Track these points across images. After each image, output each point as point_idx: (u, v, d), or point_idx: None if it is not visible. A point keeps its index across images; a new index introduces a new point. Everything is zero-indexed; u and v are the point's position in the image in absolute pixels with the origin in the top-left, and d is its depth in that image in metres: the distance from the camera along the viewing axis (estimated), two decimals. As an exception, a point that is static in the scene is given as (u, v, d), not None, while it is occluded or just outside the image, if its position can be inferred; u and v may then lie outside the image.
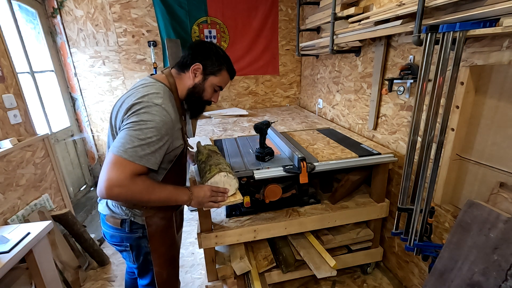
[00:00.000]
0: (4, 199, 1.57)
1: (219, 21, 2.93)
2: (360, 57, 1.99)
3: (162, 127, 0.91)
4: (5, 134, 1.66)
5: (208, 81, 1.09)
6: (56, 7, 2.57)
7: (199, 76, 1.08)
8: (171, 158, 1.06)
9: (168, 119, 0.94)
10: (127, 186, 0.87)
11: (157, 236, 1.11)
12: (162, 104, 0.94)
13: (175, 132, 1.01)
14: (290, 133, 2.07)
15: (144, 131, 0.88)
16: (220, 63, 1.09)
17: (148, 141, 0.89)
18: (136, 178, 0.89)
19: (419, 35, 1.18)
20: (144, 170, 0.91)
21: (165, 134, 0.93)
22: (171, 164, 1.07)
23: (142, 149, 0.88)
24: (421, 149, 1.18)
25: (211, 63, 1.07)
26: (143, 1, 2.71)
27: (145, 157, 0.89)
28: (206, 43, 1.10)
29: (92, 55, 2.79)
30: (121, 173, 0.86)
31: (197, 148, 1.55)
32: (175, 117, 0.98)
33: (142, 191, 0.90)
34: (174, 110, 1.00)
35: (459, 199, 1.31)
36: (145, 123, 0.89)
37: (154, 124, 0.90)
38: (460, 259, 1.02)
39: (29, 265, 1.35)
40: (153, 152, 0.91)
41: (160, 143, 0.92)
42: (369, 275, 1.91)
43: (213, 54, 1.08)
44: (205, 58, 1.07)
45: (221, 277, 1.57)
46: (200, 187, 1.09)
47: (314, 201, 1.70)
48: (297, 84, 3.37)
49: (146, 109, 0.91)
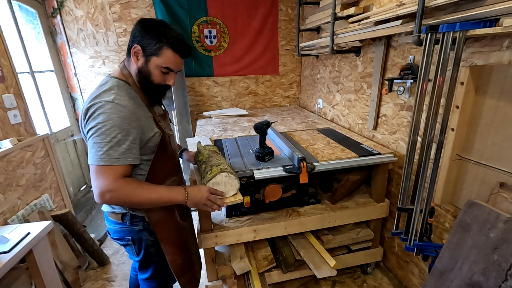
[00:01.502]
0: (4, 199, 1.57)
1: (219, 21, 2.93)
2: (360, 57, 1.99)
3: (122, 123, 0.90)
4: (5, 134, 1.66)
5: (151, 63, 0.98)
6: (56, 7, 2.57)
7: (141, 58, 0.98)
8: (152, 149, 1.04)
9: (126, 113, 0.91)
10: (116, 190, 0.88)
11: (161, 225, 1.12)
12: (115, 100, 0.91)
13: (143, 123, 0.98)
14: (290, 133, 2.07)
15: (107, 133, 0.88)
16: (158, 40, 0.95)
17: (115, 141, 0.88)
18: (122, 180, 0.90)
19: (419, 35, 1.18)
20: (126, 169, 0.92)
21: (129, 128, 0.92)
22: (155, 154, 1.05)
23: (114, 151, 0.88)
24: (421, 149, 1.18)
25: (148, 43, 0.95)
26: (143, 1, 2.71)
27: (121, 157, 0.90)
28: (146, 20, 0.98)
29: (92, 55, 2.79)
30: (106, 179, 0.88)
31: (197, 149, 1.55)
32: (134, 108, 0.95)
33: (131, 193, 0.91)
34: (134, 102, 0.97)
35: (459, 199, 1.31)
36: (104, 125, 0.88)
37: (113, 123, 0.88)
38: (460, 259, 1.02)
39: (29, 265, 1.35)
40: (127, 150, 0.91)
41: (128, 138, 0.91)
42: (369, 275, 1.91)
43: (151, 31, 0.95)
44: (143, 38, 0.96)
45: (221, 277, 1.57)
46: (198, 187, 1.08)
47: (314, 201, 1.70)
48: (297, 84, 3.37)
49: (100, 110, 0.89)
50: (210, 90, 3.16)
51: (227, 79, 3.16)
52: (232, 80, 3.18)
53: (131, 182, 0.92)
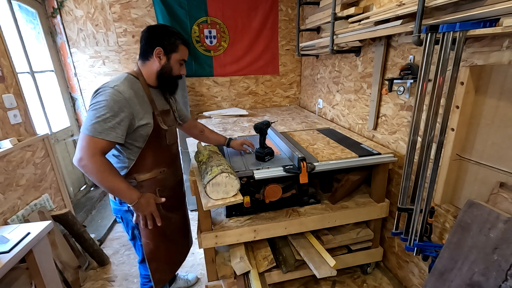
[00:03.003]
0: (4, 199, 1.57)
1: (219, 21, 2.93)
2: (360, 57, 1.99)
3: (114, 105, 1.03)
4: (5, 134, 1.66)
5: (172, 59, 1.18)
6: (56, 7, 2.57)
7: (163, 57, 1.17)
8: (143, 137, 1.15)
9: (121, 97, 1.05)
10: (89, 162, 1.00)
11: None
12: (115, 86, 1.06)
13: (137, 111, 1.10)
14: (290, 133, 2.07)
15: (99, 110, 1.02)
16: (174, 39, 1.17)
17: (103, 117, 1.02)
18: (99, 158, 1.02)
19: (419, 35, 1.18)
20: (105, 144, 1.03)
21: (119, 111, 1.04)
22: (146, 143, 1.16)
23: (99, 125, 1.01)
24: (421, 149, 1.18)
25: (168, 43, 1.16)
26: (143, 1, 2.71)
27: (104, 131, 1.02)
28: (155, 27, 1.18)
29: (92, 55, 2.79)
30: (86, 148, 1.01)
31: (198, 149, 1.56)
32: (131, 97, 1.08)
33: (100, 171, 1.02)
34: (134, 92, 1.11)
35: (459, 199, 1.31)
36: (99, 103, 1.03)
37: (106, 103, 1.02)
38: (460, 259, 1.03)
39: (29, 265, 1.35)
40: (112, 128, 1.03)
41: (116, 119, 1.04)
42: (369, 275, 1.91)
43: (166, 34, 1.16)
44: (161, 40, 1.15)
45: (221, 277, 1.57)
46: (147, 200, 1.14)
47: (314, 201, 1.70)
48: (297, 84, 3.37)
49: (101, 92, 1.06)
50: (210, 90, 3.16)
51: (227, 79, 3.16)
52: (232, 80, 3.18)
53: (105, 164, 1.04)
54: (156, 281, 1.34)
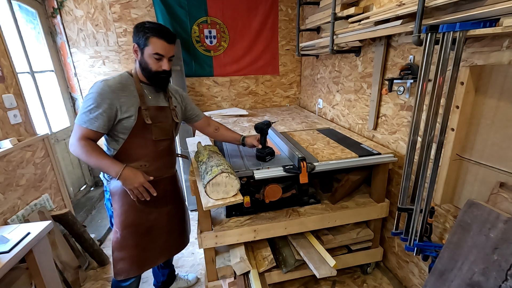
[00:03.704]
0: (4, 199, 1.56)
1: (219, 21, 2.93)
2: (360, 57, 1.99)
3: (98, 97, 1.13)
4: (5, 134, 1.66)
5: (145, 54, 1.19)
6: (56, 7, 2.57)
7: (139, 53, 1.21)
8: (127, 129, 1.21)
9: (105, 90, 1.14)
10: (76, 145, 1.13)
11: (116, 196, 1.28)
12: (104, 80, 1.17)
13: (121, 103, 1.17)
14: (290, 133, 2.07)
15: (86, 101, 1.14)
16: (145, 33, 1.16)
17: (89, 108, 1.13)
18: (83, 140, 1.13)
19: (419, 35, 1.18)
20: (90, 133, 1.14)
21: (102, 102, 1.13)
22: (129, 136, 1.22)
23: (86, 115, 1.13)
24: (421, 149, 1.18)
25: (138, 38, 1.18)
26: (143, 1, 2.71)
27: (88, 121, 1.13)
28: (137, 24, 1.20)
29: (92, 55, 2.79)
30: (74, 134, 1.15)
31: (197, 149, 1.55)
32: (117, 90, 1.17)
33: (84, 152, 1.13)
34: (122, 86, 1.19)
35: (459, 199, 1.31)
36: (88, 95, 1.15)
37: (92, 95, 1.13)
38: (460, 259, 1.02)
39: (29, 265, 1.35)
40: (95, 118, 1.13)
41: (99, 109, 1.13)
42: (369, 275, 1.91)
43: (139, 29, 1.17)
44: (135, 36, 1.19)
45: (221, 277, 1.57)
46: (135, 173, 1.19)
47: (314, 201, 1.70)
48: (297, 84, 3.37)
49: (92, 87, 1.16)
50: (210, 90, 3.16)
51: (227, 79, 3.16)
52: (232, 80, 3.18)
53: (88, 145, 1.14)
54: (117, 271, 1.34)
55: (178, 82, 2.69)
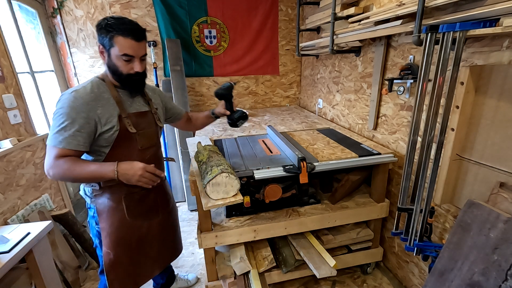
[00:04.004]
0: (4, 199, 1.57)
1: (219, 21, 2.93)
2: (360, 57, 1.99)
3: (70, 112, 1.00)
4: (5, 134, 1.66)
5: (112, 56, 1.05)
6: (56, 7, 2.57)
7: (105, 55, 1.07)
8: (109, 141, 1.09)
9: (77, 103, 1.01)
10: (56, 167, 0.99)
11: (104, 215, 1.17)
12: (73, 92, 1.03)
13: (99, 115, 1.05)
14: (290, 133, 2.07)
15: (57, 119, 1.00)
16: (107, 31, 1.01)
17: (62, 126, 0.99)
18: (60, 159, 1.00)
19: (419, 35, 1.18)
20: (68, 152, 1.01)
21: (76, 116, 1.00)
22: (112, 148, 1.11)
23: (60, 134, 1.00)
24: (421, 149, 1.18)
25: (102, 38, 1.04)
26: (143, 1, 2.70)
27: (64, 140, 1.00)
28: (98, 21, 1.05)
29: (92, 55, 2.79)
30: (49, 158, 1.01)
31: (197, 149, 1.55)
32: (91, 101, 1.04)
33: (66, 170, 1.00)
34: (95, 96, 1.06)
35: (459, 199, 1.31)
36: (57, 112, 1.01)
37: (63, 111, 1.00)
38: (460, 259, 1.03)
39: (29, 265, 1.35)
40: (72, 136, 1.00)
41: (74, 125, 1.00)
42: (369, 275, 1.91)
43: (100, 27, 1.03)
44: (99, 36, 1.04)
45: (221, 277, 1.57)
46: (130, 164, 1.06)
47: (314, 201, 1.70)
48: (297, 84, 3.37)
49: (60, 99, 1.03)
50: (210, 90, 3.16)
51: (227, 79, 3.16)
52: (232, 80, 3.17)
53: (68, 160, 1.01)
54: None
55: (178, 82, 2.69)
